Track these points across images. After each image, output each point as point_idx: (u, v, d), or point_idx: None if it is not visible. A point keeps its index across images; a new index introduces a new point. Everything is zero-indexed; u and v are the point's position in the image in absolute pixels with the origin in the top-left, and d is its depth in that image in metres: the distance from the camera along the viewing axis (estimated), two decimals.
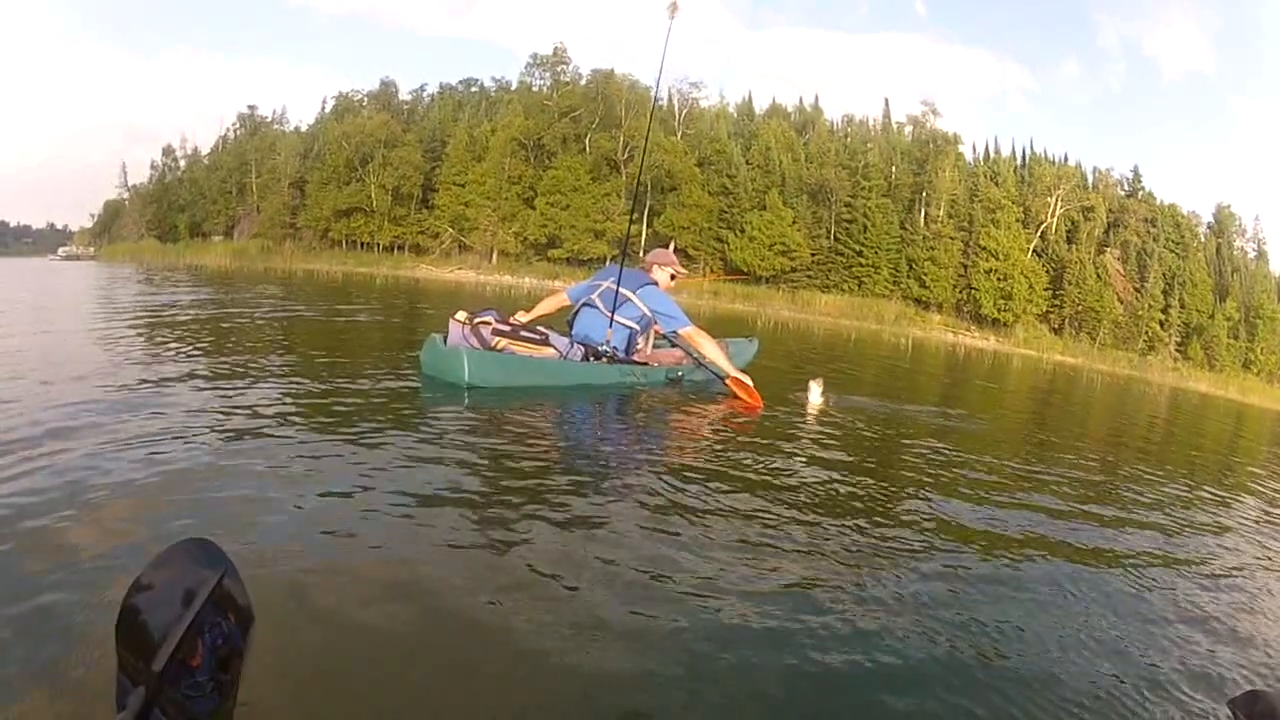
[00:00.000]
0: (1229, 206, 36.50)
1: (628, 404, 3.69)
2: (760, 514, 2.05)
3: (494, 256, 34.10)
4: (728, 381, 3.98)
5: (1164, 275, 33.06)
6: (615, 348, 3.85)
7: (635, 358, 4.01)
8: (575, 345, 3.76)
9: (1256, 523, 3.20)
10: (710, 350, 4.05)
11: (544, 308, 4.17)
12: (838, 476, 2.59)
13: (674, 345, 4.33)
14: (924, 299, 32.53)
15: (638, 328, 3.95)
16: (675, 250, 5.46)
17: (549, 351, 3.62)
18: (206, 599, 0.89)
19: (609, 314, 3.85)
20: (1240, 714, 1.11)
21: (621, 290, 3.86)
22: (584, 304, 3.98)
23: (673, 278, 4.32)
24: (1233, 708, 1.15)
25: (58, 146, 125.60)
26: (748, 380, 3.93)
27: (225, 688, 0.90)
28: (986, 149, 37.30)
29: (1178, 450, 5.79)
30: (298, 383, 3.25)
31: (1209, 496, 3.54)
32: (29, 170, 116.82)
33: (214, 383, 3.02)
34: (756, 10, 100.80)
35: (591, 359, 3.79)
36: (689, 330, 4.03)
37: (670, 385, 4.07)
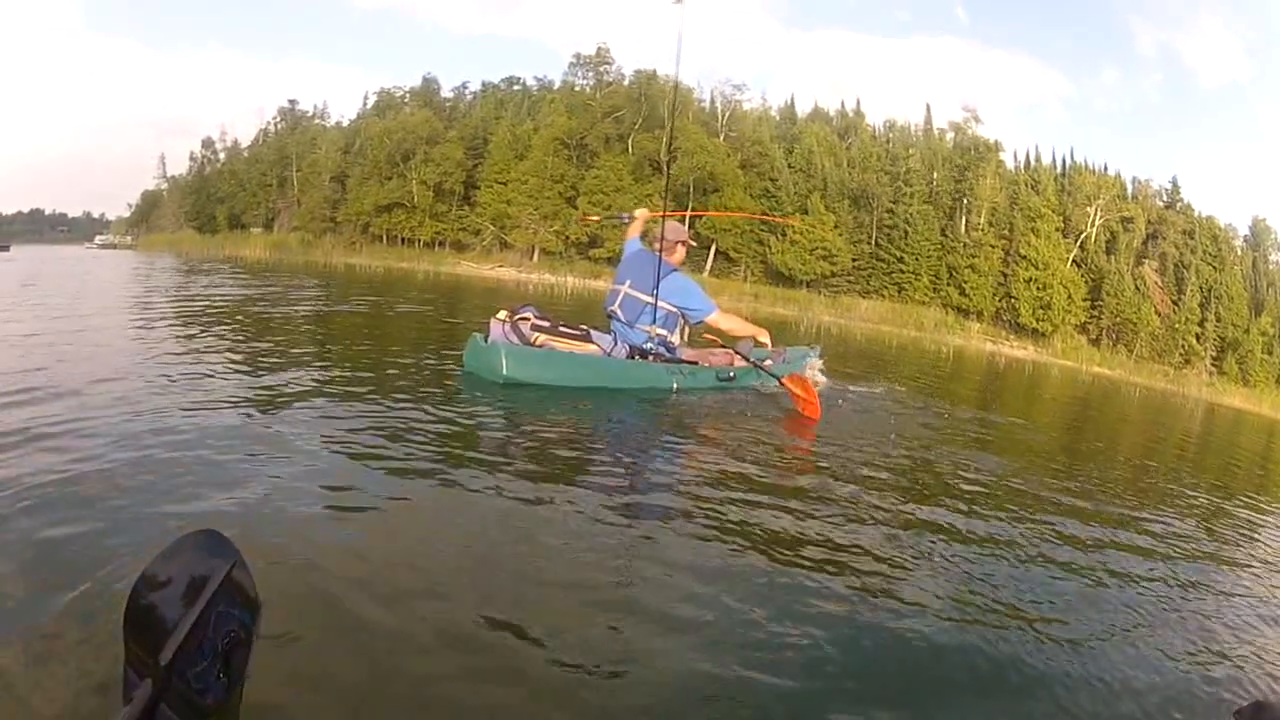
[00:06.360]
0: (1265, 220, 36.41)
1: (671, 405, 3.50)
2: (802, 527, 2.01)
3: (535, 254, 34.35)
4: (783, 381, 3.77)
5: (1201, 288, 33.05)
6: (660, 346, 3.71)
7: (682, 356, 3.84)
8: (620, 343, 3.61)
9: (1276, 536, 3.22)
10: (743, 329, 3.91)
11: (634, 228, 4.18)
12: (889, 479, 2.65)
13: (723, 345, 4.21)
14: (964, 307, 32.50)
15: (668, 332, 3.81)
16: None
17: (591, 348, 3.50)
18: (215, 591, 0.87)
19: (635, 325, 3.71)
20: None
21: (643, 296, 3.71)
22: (608, 314, 3.84)
23: (683, 245, 4.10)
24: (1238, 719, 1.16)
25: (92, 137, 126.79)
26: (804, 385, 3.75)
27: (232, 680, 0.89)
28: (1027, 157, 37.14)
29: (1213, 466, 5.87)
30: (336, 375, 3.27)
31: (1235, 512, 3.56)
32: (63, 159, 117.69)
33: (255, 374, 3.05)
34: (796, 13, 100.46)
35: (637, 357, 3.64)
36: (715, 316, 3.87)
37: (720, 387, 3.88)
